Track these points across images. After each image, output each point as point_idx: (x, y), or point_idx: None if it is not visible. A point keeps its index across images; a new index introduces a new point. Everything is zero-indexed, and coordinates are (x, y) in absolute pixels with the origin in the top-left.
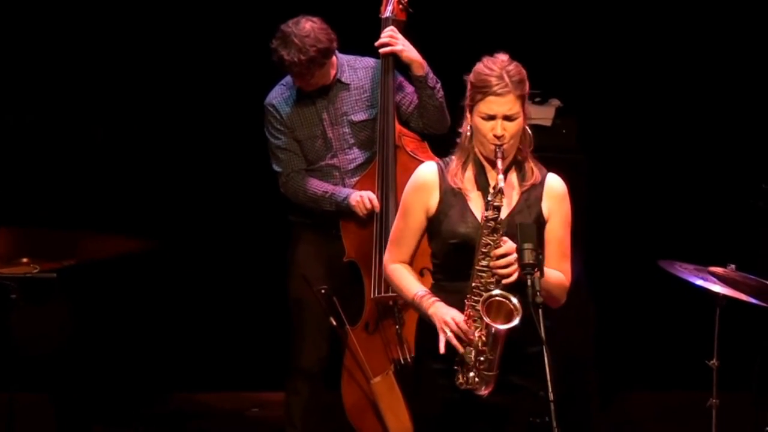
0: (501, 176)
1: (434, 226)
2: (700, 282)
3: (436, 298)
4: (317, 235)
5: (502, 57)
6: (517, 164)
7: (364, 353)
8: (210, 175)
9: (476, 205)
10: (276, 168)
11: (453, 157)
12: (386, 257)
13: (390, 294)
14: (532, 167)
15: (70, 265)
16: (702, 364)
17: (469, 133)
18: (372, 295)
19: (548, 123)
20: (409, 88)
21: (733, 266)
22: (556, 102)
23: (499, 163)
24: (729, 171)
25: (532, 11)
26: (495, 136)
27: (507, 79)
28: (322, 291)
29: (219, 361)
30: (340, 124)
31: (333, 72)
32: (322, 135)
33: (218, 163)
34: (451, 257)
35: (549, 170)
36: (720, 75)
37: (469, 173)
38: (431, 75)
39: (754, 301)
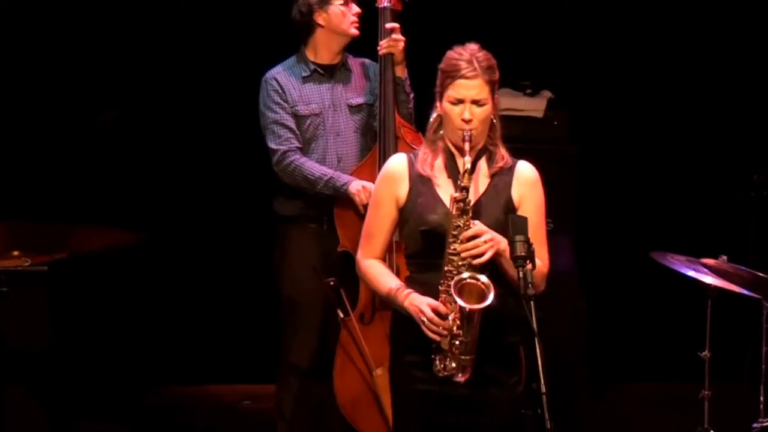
0: (468, 158)
1: (404, 215)
2: (691, 273)
3: (411, 290)
4: (305, 230)
5: (472, 46)
6: (487, 152)
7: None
8: (200, 168)
9: (445, 192)
10: (272, 145)
11: (422, 146)
12: (359, 253)
13: None
14: (503, 155)
15: (61, 258)
16: (694, 356)
17: (438, 122)
18: None
19: (540, 115)
20: None
21: (724, 257)
22: (547, 94)
23: (467, 146)
24: (720, 162)
25: (523, 3)
26: (463, 120)
27: (476, 63)
28: (331, 283)
29: (210, 354)
30: (340, 105)
31: (340, 56)
32: (321, 114)
33: (208, 156)
34: (421, 246)
35: (522, 159)
36: (711, 67)
37: (439, 161)
38: (408, 82)
39: (745, 292)
